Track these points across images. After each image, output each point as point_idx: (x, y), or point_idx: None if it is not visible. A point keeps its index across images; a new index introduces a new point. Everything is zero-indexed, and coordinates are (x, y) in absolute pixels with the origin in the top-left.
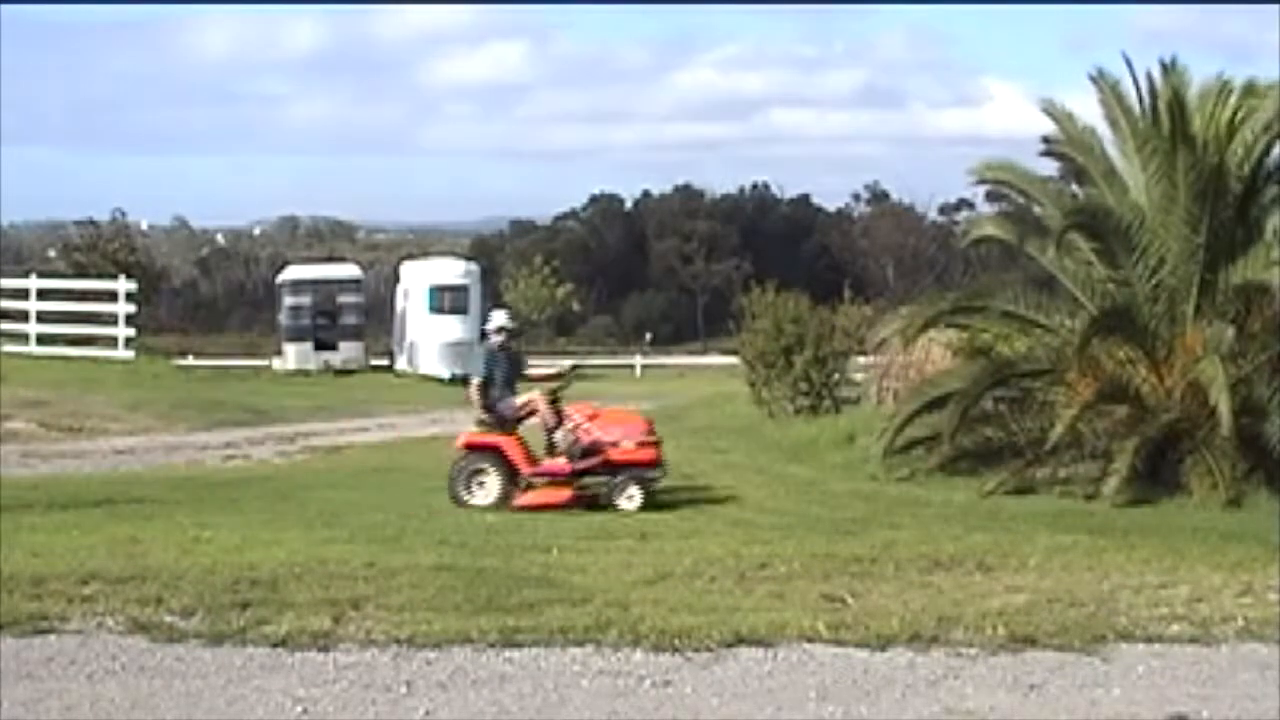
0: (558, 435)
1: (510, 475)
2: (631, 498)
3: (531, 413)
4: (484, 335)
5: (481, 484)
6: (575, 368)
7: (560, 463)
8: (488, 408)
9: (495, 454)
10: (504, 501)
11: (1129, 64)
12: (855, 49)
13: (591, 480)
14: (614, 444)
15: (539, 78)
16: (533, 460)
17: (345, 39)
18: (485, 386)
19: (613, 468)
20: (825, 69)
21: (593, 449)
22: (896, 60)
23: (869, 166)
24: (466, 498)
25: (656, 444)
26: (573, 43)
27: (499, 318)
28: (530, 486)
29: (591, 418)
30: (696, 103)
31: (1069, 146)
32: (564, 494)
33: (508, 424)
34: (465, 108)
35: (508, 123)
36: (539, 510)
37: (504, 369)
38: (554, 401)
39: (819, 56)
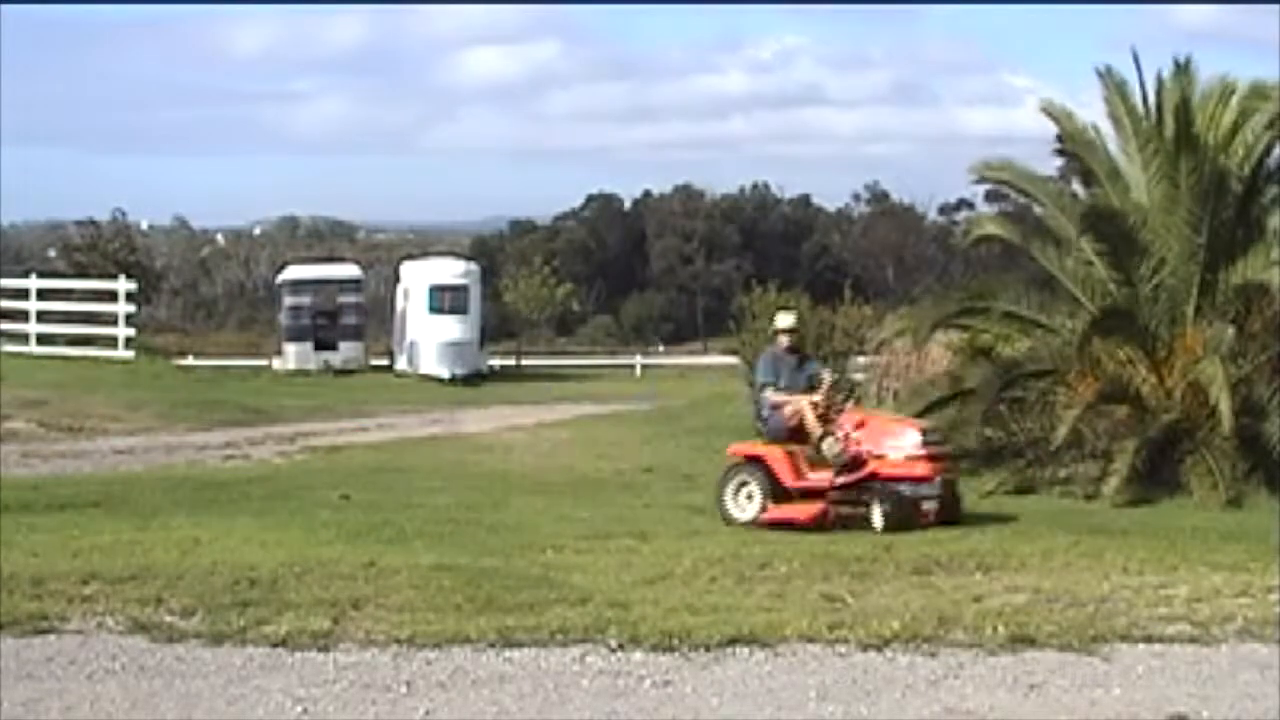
0: (825, 444)
1: (774, 489)
2: (887, 514)
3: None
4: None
5: (749, 497)
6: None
7: (824, 476)
8: (760, 417)
9: (759, 465)
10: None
11: (1136, 63)
12: (887, 49)
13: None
14: (880, 456)
15: (548, 78)
16: (800, 473)
17: (344, 41)
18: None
19: (880, 483)
20: (854, 68)
21: (856, 462)
22: (930, 59)
23: (896, 166)
24: (731, 511)
25: (931, 457)
26: (595, 43)
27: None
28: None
29: (859, 425)
30: (710, 103)
31: (1074, 146)
32: (810, 510)
33: (781, 433)
34: (470, 109)
35: (513, 123)
36: (783, 526)
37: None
38: (826, 408)
39: (850, 55)
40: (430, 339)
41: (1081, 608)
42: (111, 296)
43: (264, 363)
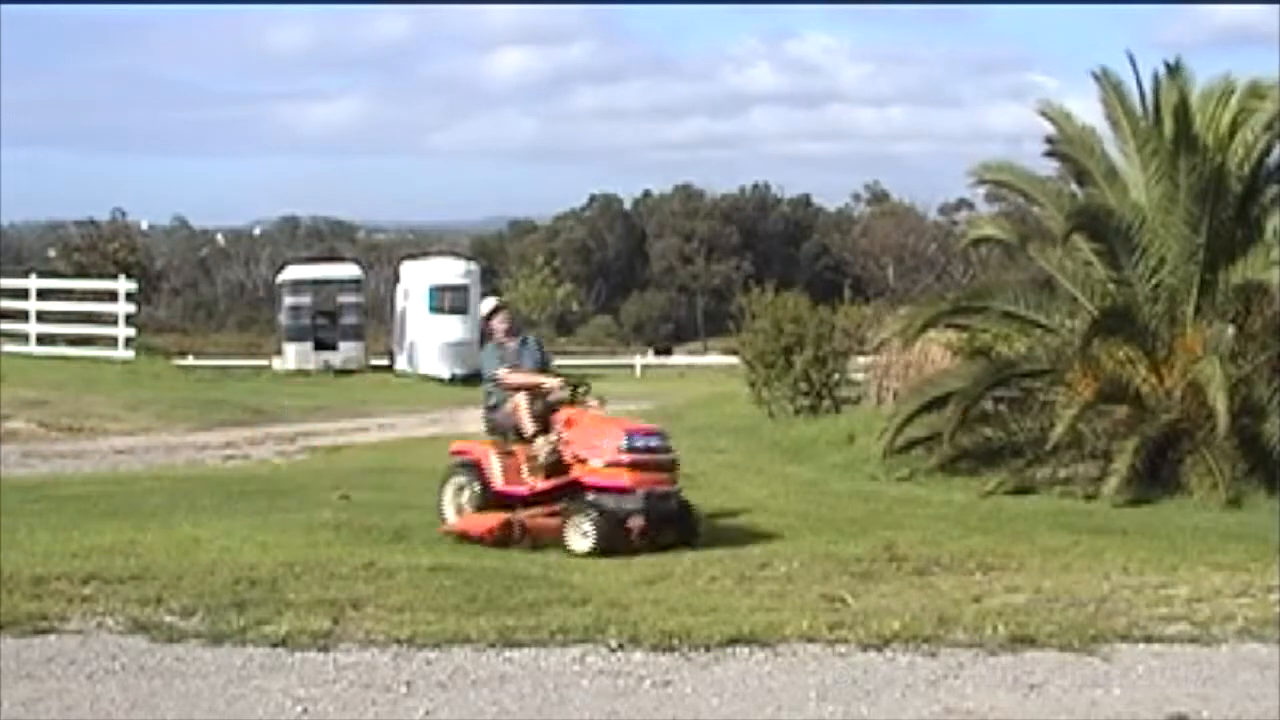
0: (536, 443)
1: (485, 492)
2: (585, 534)
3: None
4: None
5: (469, 500)
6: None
7: (526, 482)
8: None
9: (473, 465)
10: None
11: (1133, 63)
12: (908, 48)
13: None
14: (583, 460)
15: (569, 79)
16: (515, 476)
17: (341, 40)
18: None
19: (584, 494)
20: (888, 67)
21: (559, 466)
22: (954, 58)
23: (919, 166)
24: (449, 515)
25: (635, 465)
26: (633, 44)
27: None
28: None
29: (569, 424)
30: (736, 103)
31: (1070, 146)
32: (489, 522)
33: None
34: (486, 109)
35: (526, 124)
36: (464, 539)
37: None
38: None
39: (884, 54)
40: (430, 339)
41: (1081, 608)
42: (111, 296)
43: (264, 363)
